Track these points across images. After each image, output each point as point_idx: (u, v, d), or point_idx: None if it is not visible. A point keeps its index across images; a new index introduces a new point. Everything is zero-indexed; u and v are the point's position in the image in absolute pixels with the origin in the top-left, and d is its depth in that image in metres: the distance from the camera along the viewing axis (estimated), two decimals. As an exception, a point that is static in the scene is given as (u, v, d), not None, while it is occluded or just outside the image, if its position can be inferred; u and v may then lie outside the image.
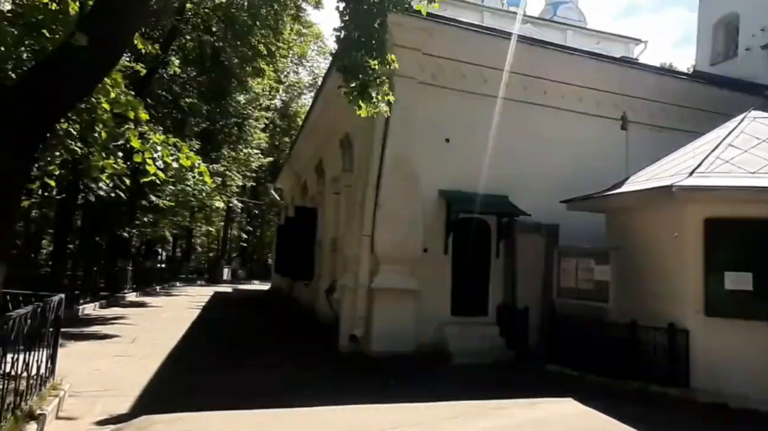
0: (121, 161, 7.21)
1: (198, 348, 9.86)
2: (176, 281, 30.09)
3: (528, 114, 10.30)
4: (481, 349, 9.15)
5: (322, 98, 13.12)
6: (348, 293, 9.54)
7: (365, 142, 9.79)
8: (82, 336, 10.40)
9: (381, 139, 9.50)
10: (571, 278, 8.48)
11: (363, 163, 9.64)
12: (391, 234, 9.22)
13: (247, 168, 26.00)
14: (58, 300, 6.17)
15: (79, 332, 10.88)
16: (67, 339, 9.71)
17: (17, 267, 15.82)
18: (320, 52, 35.45)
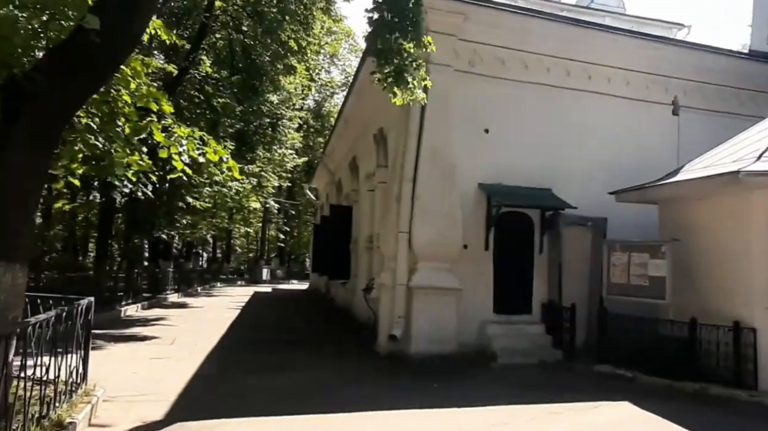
0: (146, 157, 7.09)
1: (236, 349, 9.75)
2: (217, 282, 30.50)
3: (572, 101, 9.75)
4: (525, 349, 8.70)
5: (355, 93, 12.87)
6: (386, 292, 9.24)
7: (400, 135, 9.46)
8: (122, 338, 10.44)
9: (417, 131, 9.15)
10: (623, 274, 7.92)
11: (398, 157, 9.31)
12: (429, 230, 8.86)
13: (282, 168, 26.07)
14: (86, 303, 6.04)
15: (119, 334, 10.95)
16: (107, 341, 9.87)
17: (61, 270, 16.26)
18: (352, 50, 35.36)
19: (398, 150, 9.44)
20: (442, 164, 9.09)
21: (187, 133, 6.76)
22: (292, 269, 41.56)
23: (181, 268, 24.40)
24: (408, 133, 9.20)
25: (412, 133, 9.15)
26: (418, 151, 9.12)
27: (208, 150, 6.70)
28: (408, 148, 9.15)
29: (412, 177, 9.07)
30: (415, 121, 9.14)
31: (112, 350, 9.13)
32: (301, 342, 10.49)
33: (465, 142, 9.23)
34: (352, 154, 15.62)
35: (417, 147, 9.13)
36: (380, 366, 8.31)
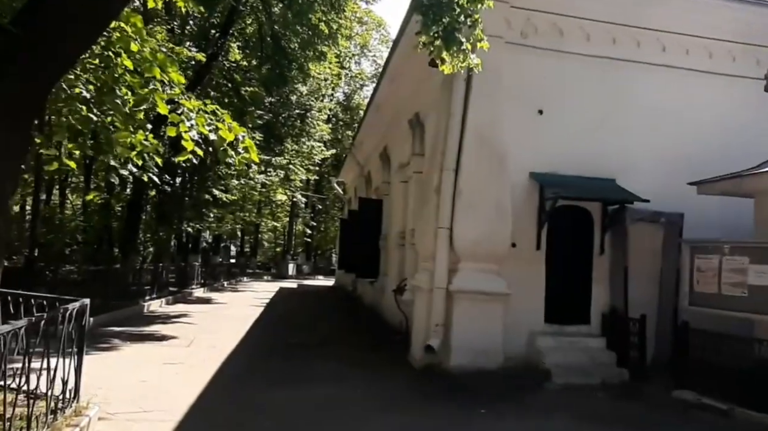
0: (151, 136, 6.20)
1: (255, 354, 8.81)
2: (244, 276, 29.96)
3: (642, 77, 8.41)
4: (584, 366, 7.47)
5: (389, 75, 11.76)
6: (422, 295, 8.14)
7: (441, 119, 8.32)
8: (139, 337, 9.77)
9: (461, 113, 7.99)
10: (711, 281, 6.59)
11: (438, 143, 8.17)
12: (473, 226, 7.71)
13: (310, 161, 25.20)
14: (78, 307, 5.13)
15: (138, 332, 10.32)
16: (123, 340, 9.23)
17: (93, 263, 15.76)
18: (382, 41, 34.28)
19: (438, 135, 8.30)
20: (490, 150, 7.91)
21: (197, 105, 5.80)
22: (318, 264, 40.84)
23: (208, 262, 23.85)
24: (450, 115, 8.05)
25: (455, 115, 8.00)
26: (461, 135, 7.96)
27: (221, 126, 5.74)
28: (450, 133, 8.01)
29: (455, 165, 7.92)
30: (458, 101, 7.99)
31: (125, 351, 8.47)
32: (327, 347, 9.49)
33: (515, 125, 8.02)
34: (383, 144, 14.54)
35: (461, 131, 7.97)
36: (415, 382, 7.22)
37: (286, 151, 22.20)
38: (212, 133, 5.61)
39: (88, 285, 12.61)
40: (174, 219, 18.42)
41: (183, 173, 18.06)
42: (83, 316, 5.33)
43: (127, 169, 6.24)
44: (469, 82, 7.98)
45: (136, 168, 6.35)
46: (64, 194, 25.63)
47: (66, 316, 4.81)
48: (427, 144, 10.11)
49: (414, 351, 8.16)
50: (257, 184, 19.01)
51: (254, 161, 5.88)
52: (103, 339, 9.16)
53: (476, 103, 7.95)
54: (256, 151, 5.89)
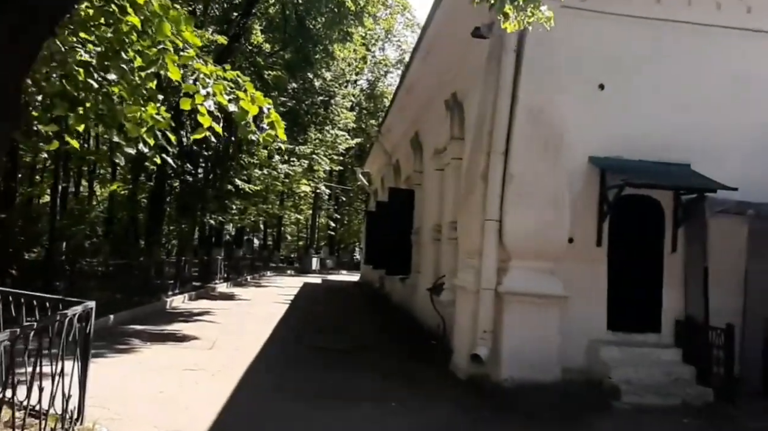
0: (163, 109, 5.41)
1: (282, 361, 7.96)
2: (267, 270, 29.37)
3: (723, 44, 7.22)
4: (660, 383, 6.41)
5: (422, 52, 10.71)
6: (465, 297, 7.17)
7: (486, 97, 7.29)
8: (160, 337, 9.16)
9: (510, 89, 6.94)
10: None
11: (485, 124, 7.14)
12: (527, 219, 6.69)
13: (334, 151, 24.35)
14: (80, 312, 4.35)
15: (159, 331, 9.73)
16: (143, 341, 8.66)
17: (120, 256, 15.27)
18: (407, 25, 33.15)
19: (484, 115, 7.26)
20: (545, 131, 6.85)
21: (215, 71, 4.96)
22: (341, 259, 40.10)
23: (231, 256, 23.27)
24: (498, 91, 7.01)
25: (504, 91, 6.96)
26: (512, 114, 6.92)
27: (242, 96, 4.87)
28: (498, 111, 6.97)
29: (504, 149, 6.89)
30: (507, 75, 6.94)
31: (144, 354, 7.83)
32: (359, 353, 8.60)
33: (572, 102, 6.94)
34: (414, 130, 13.53)
35: (511, 109, 6.94)
36: (462, 398, 6.27)
37: (309, 140, 21.39)
38: (232, 103, 4.77)
39: (109, 280, 12.22)
40: (196, 211, 17.85)
41: (205, 163, 17.42)
42: (87, 322, 4.55)
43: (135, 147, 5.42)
44: (519, 53, 6.94)
45: (147, 148, 5.53)
46: (92, 186, 25.38)
47: (65, 323, 4.01)
48: (468, 126, 9.10)
49: (457, 361, 7.20)
50: (280, 174, 18.27)
51: (281, 138, 5.01)
52: (122, 340, 8.64)
53: (528, 77, 6.90)
54: (283, 126, 5.00)
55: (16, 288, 10.28)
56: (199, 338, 9.26)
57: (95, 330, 9.24)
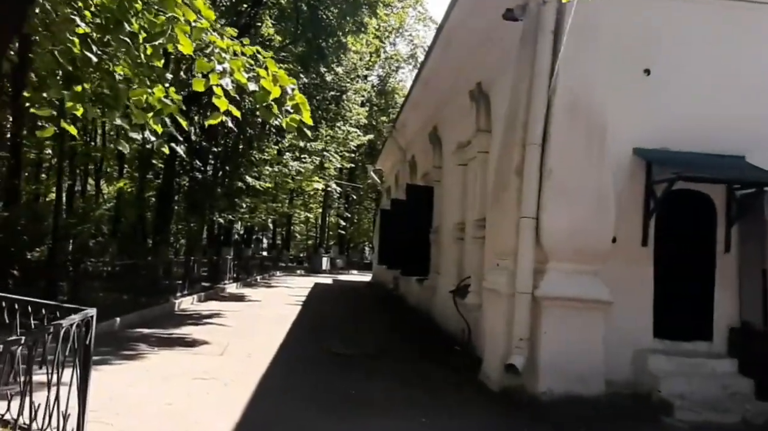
0: (173, 90, 4.86)
1: (297, 368, 7.41)
2: (276, 270, 28.89)
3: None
4: (716, 398, 5.81)
5: (442, 41, 10.14)
6: (498, 301, 6.59)
7: (519, 85, 6.72)
8: (168, 342, 8.63)
9: (548, 75, 6.35)
10: None
11: (519, 113, 6.56)
12: (567, 216, 6.11)
13: (346, 148, 23.79)
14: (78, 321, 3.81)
15: (167, 335, 9.21)
16: (150, 346, 8.14)
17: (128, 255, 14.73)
18: (419, 19, 32.52)
19: (518, 104, 6.68)
20: (586, 121, 6.26)
21: (230, 45, 4.42)
22: (351, 258, 39.56)
23: (241, 256, 22.79)
24: (534, 77, 6.43)
25: (541, 77, 6.37)
26: (549, 103, 6.34)
27: (263, 74, 4.32)
28: (534, 100, 6.39)
29: (541, 140, 6.31)
30: (544, 59, 6.36)
31: (151, 361, 7.28)
32: (379, 360, 8.04)
33: (617, 89, 6.35)
34: (432, 124, 12.96)
35: (548, 97, 6.35)
36: (495, 412, 5.71)
37: (320, 137, 20.86)
38: (252, 82, 4.21)
39: (115, 281, 11.70)
40: (205, 209, 17.38)
41: (215, 159, 16.94)
42: (87, 332, 4.01)
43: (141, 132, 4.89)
44: (557, 35, 6.35)
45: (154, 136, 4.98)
46: (99, 185, 24.99)
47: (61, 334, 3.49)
48: (495, 118, 8.53)
49: (488, 370, 6.63)
50: (291, 170, 17.74)
51: (307, 122, 4.46)
52: (128, 345, 8.11)
53: (567, 61, 6.30)
54: (309, 109, 4.45)
55: (18, 289, 9.53)
56: (210, 343, 8.74)
57: (100, 335, 8.69)
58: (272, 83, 4.38)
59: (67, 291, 9.30)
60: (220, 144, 15.89)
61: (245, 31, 13.20)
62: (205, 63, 4.33)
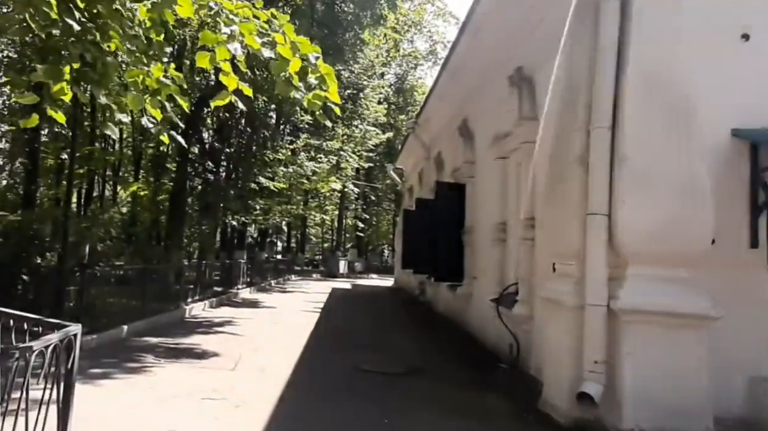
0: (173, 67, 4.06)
1: (319, 388, 6.42)
2: (291, 274, 28.02)
3: None
4: None
5: (472, 27, 9.17)
6: (561, 314, 5.54)
7: (577, 63, 5.71)
8: (176, 353, 7.83)
9: (615, 46, 5.32)
10: None
11: (579, 95, 5.52)
12: (649, 211, 5.05)
13: (363, 147, 22.80)
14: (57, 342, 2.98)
15: (175, 345, 8.41)
16: (157, 358, 7.39)
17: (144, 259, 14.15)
18: (438, 14, 31.48)
19: (578, 83, 5.64)
20: (667, 97, 5.20)
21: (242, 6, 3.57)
22: (371, 262, 38.55)
23: (254, 259, 21.98)
24: (598, 51, 5.40)
25: (607, 49, 5.33)
26: (618, 79, 5.30)
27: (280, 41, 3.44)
28: (600, 77, 5.34)
29: (610, 122, 5.26)
30: (610, 28, 5.33)
31: (157, 376, 6.49)
32: (412, 378, 7.03)
33: (707, 59, 5.29)
34: (461, 117, 11.92)
35: (617, 71, 5.31)
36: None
37: (336, 137, 19.93)
38: (266, 48, 3.34)
39: (125, 286, 11.17)
40: (218, 212, 16.58)
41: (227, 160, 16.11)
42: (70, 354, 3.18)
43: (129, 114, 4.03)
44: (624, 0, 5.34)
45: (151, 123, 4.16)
46: (115, 189, 24.54)
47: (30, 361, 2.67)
48: (542, 104, 7.47)
49: (552, 397, 5.56)
50: (306, 170, 16.85)
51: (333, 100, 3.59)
52: (134, 356, 7.46)
53: (641, 28, 5.27)
54: (336, 82, 3.53)
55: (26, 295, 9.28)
56: (220, 355, 7.90)
57: (106, 344, 7.84)
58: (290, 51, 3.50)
59: (74, 297, 8.80)
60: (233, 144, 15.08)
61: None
62: (211, 35, 3.59)
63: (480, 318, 9.74)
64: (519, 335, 7.56)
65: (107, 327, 8.53)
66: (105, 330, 8.39)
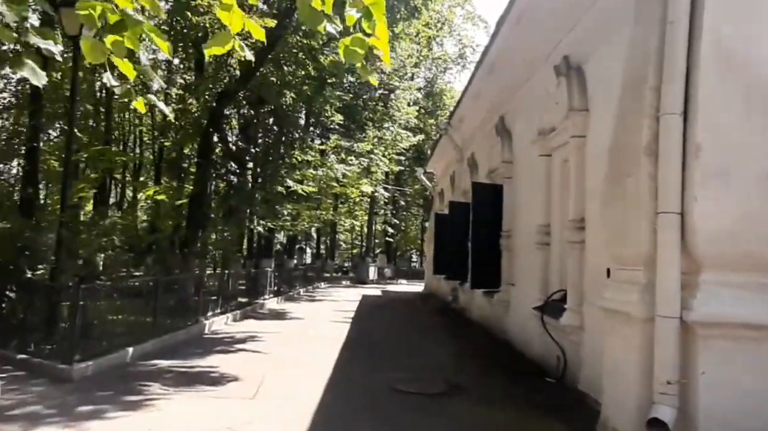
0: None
1: (352, 416, 5.67)
2: (320, 281, 27.57)
3: None
4: None
5: (513, 17, 8.55)
6: (624, 326, 4.89)
7: (642, 44, 5.10)
8: (188, 380, 6.83)
9: (686, 23, 4.68)
10: None
11: (645, 79, 4.89)
12: (731, 209, 4.40)
13: (394, 150, 22.28)
14: None
15: (188, 369, 7.47)
16: (166, 386, 6.45)
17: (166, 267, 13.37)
18: (467, 17, 30.88)
19: (643, 66, 5.02)
20: (748, 78, 4.55)
21: None
22: (399, 267, 37.95)
23: (282, 267, 21.54)
24: (666, 30, 4.77)
25: (677, 27, 4.70)
26: (689, 59, 4.66)
27: None
28: (670, 58, 4.71)
29: (682, 108, 4.63)
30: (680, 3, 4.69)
31: (160, 412, 5.55)
32: (454, 399, 6.40)
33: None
34: (497, 115, 11.32)
35: (688, 50, 4.67)
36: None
37: (367, 139, 19.48)
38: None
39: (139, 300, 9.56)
40: (244, 217, 16.14)
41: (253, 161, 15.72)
42: None
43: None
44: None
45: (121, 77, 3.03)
46: (135, 195, 24.52)
47: None
48: (594, 93, 6.88)
49: (614, 420, 4.91)
50: (337, 173, 16.35)
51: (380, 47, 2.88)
52: (136, 386, 6.38)
53: (718, 2, 4.63)
54: (385, 20, 2.83)
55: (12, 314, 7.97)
56: (240, 379, 7.00)
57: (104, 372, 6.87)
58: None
59: (68, 315, 7.54)
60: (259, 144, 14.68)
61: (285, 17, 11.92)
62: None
63: (519, 327, 9.10)
64: (566, 347, 6.91)
65: (108, 351, 7.47)
66: (105, 354, 7.33)
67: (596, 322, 6.05)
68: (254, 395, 6.33)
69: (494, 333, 10.62)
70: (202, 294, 11.71)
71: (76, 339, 6.93)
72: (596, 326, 6.06)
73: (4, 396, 5.80)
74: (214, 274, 14.67)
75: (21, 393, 5.99)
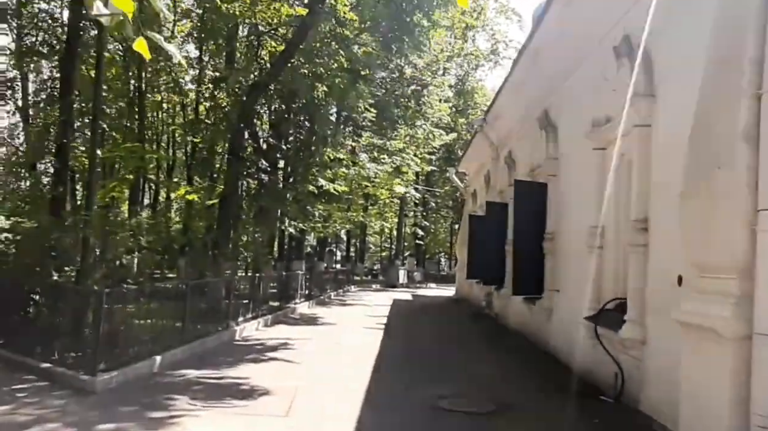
0: None
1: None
2: (351, 284, 27.03)
3: None
4: None
5: None
6: (710, 346, 4.12)
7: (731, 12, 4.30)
8: (218, 392, 6.28)
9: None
10: None
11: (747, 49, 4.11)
12: None
13: (426, 149, 21.55)
14: None
15: (218, 380, 6.92)
16: (192, 400, 5.91)
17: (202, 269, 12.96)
18: (500, 10, 29.97)
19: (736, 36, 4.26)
20: None
21: None
22: (428, 271, 37.18)
23: (313, 270, 21.06)
24: None
25: None
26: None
27: None
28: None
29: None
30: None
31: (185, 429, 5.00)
32: (501, 420, 5.68)
33: None
34: (541, 108, 10.53)
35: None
36: None
37: (399, 137, 18.85)
38: None
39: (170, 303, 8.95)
40: (275, 218, 15.69)
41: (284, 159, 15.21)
42: None
43: None
44: None
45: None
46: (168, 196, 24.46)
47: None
48: (662, 77, 6.07)
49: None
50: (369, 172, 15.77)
51: None
52: (162, 400, 5.86)
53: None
54: None
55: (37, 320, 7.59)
56: (272, 392, 6.40)
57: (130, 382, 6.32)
58: None
59: (92, 320, 7.08)
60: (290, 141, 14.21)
61: (316, 3, 11.35)
62: None
63: (564, 338, 8.32)
64: (623, 362, 6.14)
65: (135, 359, 7.04)
66: (131, 363, 6.90)
67: (663, 336, 5.30)
68: (287, 411, 5.74)
69: (534, 343, 9.83)
70: (233, 297, 11.17)
71: (100, 347, 6.49)
72: (664, 341, 5.31)
73: (23, 411, 5.38)
74: (245, 277, 14.22)
75: (40, 407, 5.51)
